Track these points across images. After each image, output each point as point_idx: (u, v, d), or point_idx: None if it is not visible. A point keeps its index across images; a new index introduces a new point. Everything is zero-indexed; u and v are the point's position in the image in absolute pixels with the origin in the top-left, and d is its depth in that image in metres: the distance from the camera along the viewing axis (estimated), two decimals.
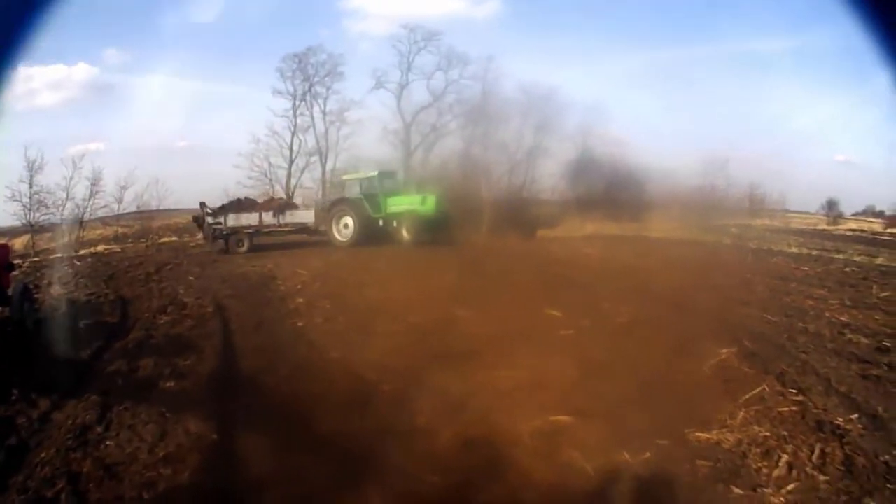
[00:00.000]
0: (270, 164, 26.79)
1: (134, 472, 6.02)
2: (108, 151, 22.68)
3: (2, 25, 3.41)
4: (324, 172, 27.43)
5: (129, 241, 22.70)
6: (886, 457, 6.40)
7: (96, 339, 9.96)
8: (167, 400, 7.70)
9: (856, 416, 7.37)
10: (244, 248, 21.64)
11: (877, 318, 11.75)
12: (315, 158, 27.38)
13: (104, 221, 23.81)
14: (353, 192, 23.08)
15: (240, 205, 23.02)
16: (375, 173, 22.97)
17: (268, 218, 22.20)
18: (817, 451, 6.56)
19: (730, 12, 25.26)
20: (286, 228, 22.30)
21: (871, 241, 24.00)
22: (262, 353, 9.63)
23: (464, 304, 11.73)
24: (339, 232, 22.15)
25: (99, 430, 6.92)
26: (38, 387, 7.86)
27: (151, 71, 27.60)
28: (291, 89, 26.49)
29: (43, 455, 6.33)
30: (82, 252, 19.64)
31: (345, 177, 24.53)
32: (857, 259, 19.67)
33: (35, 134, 20.52)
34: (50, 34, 3.83)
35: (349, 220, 22.04)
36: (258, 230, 21.90)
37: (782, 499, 5.79)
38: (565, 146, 24.96)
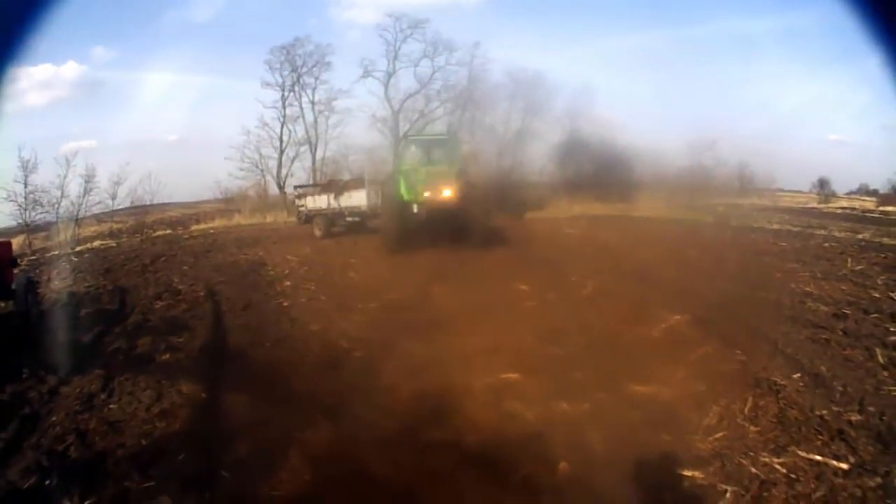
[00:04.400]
0: (261, 156, 26.71)
1: (133, 426, 6.68)
2: (99, 148, 22.90)
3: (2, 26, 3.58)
4: (314, 162, 27.23)
5: (124, 236, 22.82)
6: (823, 412, 6.76)
7: (97, 325, 10.54)
8: (163, 370, 8.32)
9: (797, 375, 7.75)
10: (318, 234, 21.10)
11: (843, 288, 12.13)
12: (305, 148, 27.23)
13: (98, 218, 23.93)
14: (414, 159, 19.30)
15: (324, 186, 22.28)
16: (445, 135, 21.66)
17: (331, 202, 21.30)
18: (750, 404, 6.96)
19: None
20: (345, 214, 20.99)
21: (859, 219, 23.83)
22: (249, 330, 10.30)
23: (439, 281, 12.49)
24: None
25: (103, 396, 7.54)
26: (45, 367, 8.36)
27: (140, 67, 27.83)
28: (280, 80, 26.51)
29: (53, 419, 6.94)
30: (79, 248, 19.89)
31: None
32: (839, 235, 19.63)
33: (27, 134, 20.85)
34: (39, 34, 4.08)
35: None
36: (332, 215, 21.02)
37: (709, 445, 6.18)
38: (553, 129, 25.16)
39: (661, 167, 21.60)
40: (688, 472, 5.75)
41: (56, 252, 18.44)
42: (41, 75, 24.87)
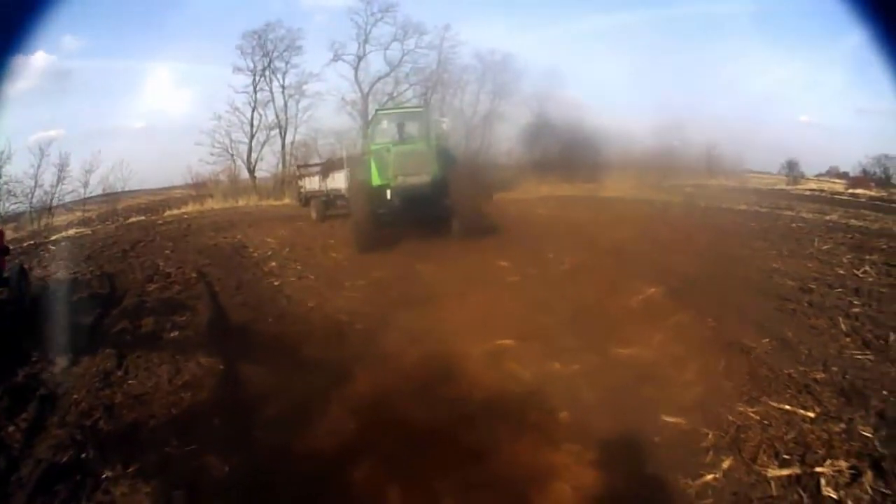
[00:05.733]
0: (232, 140, 26.29)
1: (159, 398, 6.98)
2: (69, 137, 22.63)
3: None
4: (283, 146, 26.83)
5: (97, 223, 22.42)
6: (791, 370, 7.30)
7: (94, 308, 10.59)
8: (174, 346, 8.55)
9: (766, 340, 8.27)
10: (314, 216, 19.94)
11: (809, 265, 12.58)
12: (275, 132, 26.80)
13: (67, 207, 23.44)
14: (385, 137, 17.05)
15: (325, 165, 20.50)
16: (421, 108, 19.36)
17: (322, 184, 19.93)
18: (723, 363, 7.49)
19: None
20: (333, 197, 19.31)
21: (827, 201, 23.89)
22: (248, 308, 10.54)
23: (421, 260, 12.82)
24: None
25: (119, 373, 7.71)
26: (53, 349, 8.39)
27: (109, 55, 27.18)
28: (251, 65, 26.04)
29: (75, 396, 7.10)
30: (54, 237, 19.49)
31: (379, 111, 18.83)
32: (807, 216, 19.90)
33: None
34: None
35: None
36: (328, 198, 19.35)
37: (689, 397, 6.68)
38: (521, 111, 25.31)
39: (629, 148, 21.73)
40: (672, 419, 6.27)
41: (32, 241, 18.13)
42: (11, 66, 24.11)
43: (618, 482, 5.36)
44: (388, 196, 15.30)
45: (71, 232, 20.62)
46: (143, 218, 23.17)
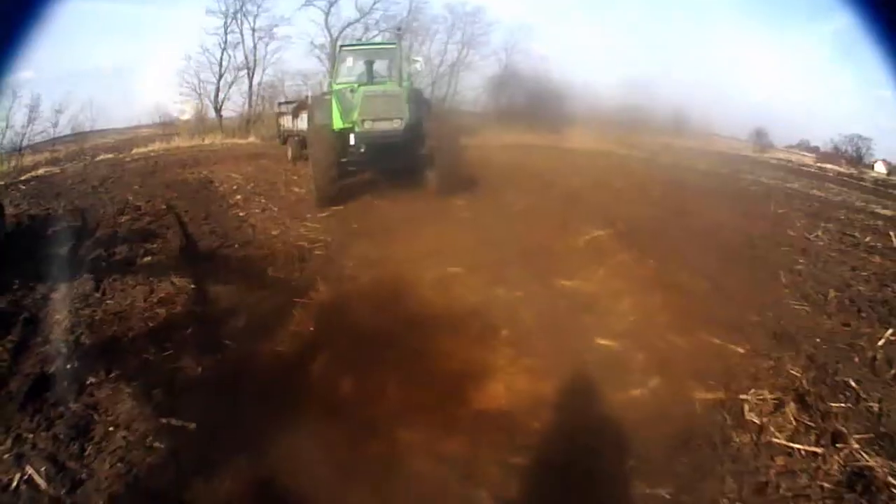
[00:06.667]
0: (200, 80, 26.33)
1: (136, 314, 7.41)
2: (38, 79, 22.54)
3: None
4: (250, 86, 26.90)
5: (65, 163, 22.03)
6: (725, 312, 7.67)
7: (68, 240, 10.70)
8: (147, 270, 8.88)
9: (705, 285, 8.65)
10: (289, 157, 19.18)
11: (761, 224, 12.90)
12: (243, 73, 26.88)
13: (36, 148, 22.84)
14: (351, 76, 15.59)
15: (297, 105, 19.34)
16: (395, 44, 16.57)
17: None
18: (659, 299, 7.86)
19: None
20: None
21: (793, 171, 24.09)
22: (215, 235, 10.86)
23: (380, 196, 13.41)
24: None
25: (97, 295, 8.05)
26: (32, 277, 8.66)
27: None
28: (224, 7, 25.91)
29: (58, 316, 7.41)
30: (24, 177, 19.37)
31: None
32: (767, 181, 20.24)
33: None
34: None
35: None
36: (300, 138, 17.73)
37: (623, 325, 7.15)
38: (489, 62, 25.65)
39: (596, 103, 21.77)
40: (605, 342, 6.80)
41: (2, 182, 18.06)
42: None
43: (548, 389, 5.85)
44: (353, 141, 13.80)
45: (41, 171, 20.38)
46: (111, 156, 23.03)
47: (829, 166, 25.86)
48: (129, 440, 5.14)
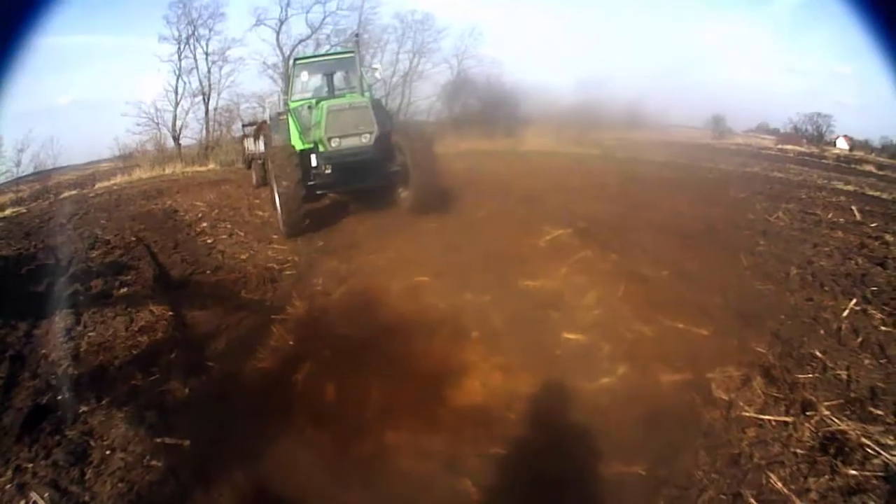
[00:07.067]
0: (157, 109, 26.83)
1: (120, 343, 7.60)
2: None
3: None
4: (207, 112, 27.38)
5: (29, 202, 22.10)
6: (688, 296, 7.94)
7: (43, 277, 10.79)
8: (125, 301, 9.05)
9: (665, 272, 8.87)
10: (253, 182, 18.70)
11: (719, 211, 13.06)
12: (199, 99, 27.30)
13: None
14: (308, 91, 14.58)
15: (257, 126, 18.74)
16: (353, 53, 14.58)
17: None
18: (622, 290, 8.10)
19: None
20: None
21: (752, 155, 24.44)
22: (186, 263, 10.98)
23: (342, 211, 13.68)
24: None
25: (79, 328, 8.22)
26: (12, 315, 8.65)
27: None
28: (177, 34, 26.52)
29: (43, 351, 7.60)
30: None
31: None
32: (726, 168, 20.68)
33: None
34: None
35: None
36: (263, 161, 16.26)
37: (589, 318, 7.43)
38: (441, 69, 26.02)
39: (550, 104, 22.50)
40: (572, 336, 7.06)
41: None
42: None
43: (522, 383, 6.20)
44: (315, 162, 13.01)
45: (7, 212, 20.26)
46: (74, 192, 23.00)
47: (789, 147, 26.72)
48: (128, 461, 5.38)
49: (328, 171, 12.89)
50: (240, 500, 4.87)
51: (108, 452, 5.56)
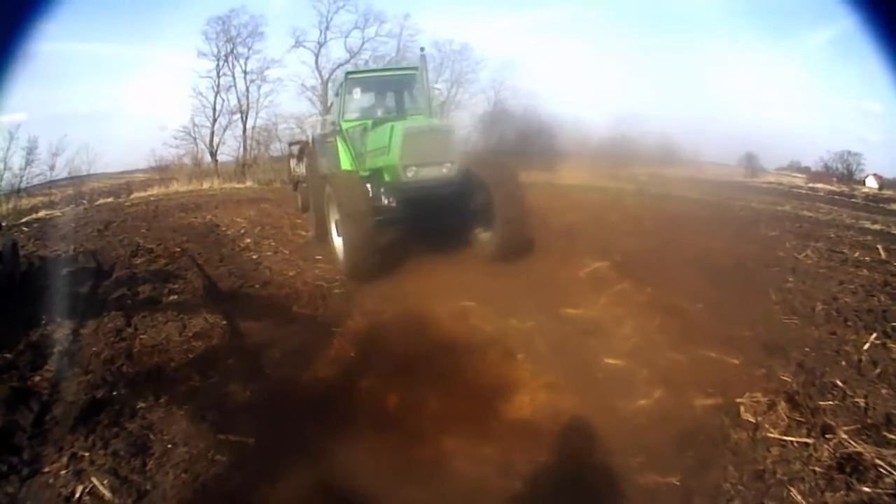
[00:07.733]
0: (195, 124, 27.22)
1: (174, 347, 7.80)
2: (31, 121, 22.62)
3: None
4: (244, 130, 27.70)
5: (63, 206, 22.50)
6: (719, 329, 8.12)
7: (86, 280, 11.04)
8: (175, 307, 9.19)
9: (699, 305, 9.02)
10: (299, 205, 16.84)
11: (751, 248, 13.16)
12: (237, 116, 27.68)
13: (29, 192, 23.92)
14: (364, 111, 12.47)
15: (301, 146, 17.20)
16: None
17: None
18: (658, 322, 8.24)
19: None
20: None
21: (783, 193, 24.36)
22: (234, 276, 11.15)
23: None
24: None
25: (130, 330, 8.41)
26: (56, 314, 8.99)
27: (73, 39, 27.86)
28: (215, 50, 27.08)
29: (95, 349, 7.80)
30: (26, 219, 19.67)
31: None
32: (758, 206, 20.68)
33: None
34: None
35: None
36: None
37: (627, 346, 7.63)
38: (478, 99, 26.12)
39: (586, 137, 22.26)
40: (612, 361, 7.32)
41: (3, 224, 17.62)
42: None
43: (566, 401, 6.43)
44: (383, 195, 11.20)
45: (41, 214, 20.71)
46: (110, 200, 23.30)
47: (820, 185, 26.77)
48: (192, 454, 5.60)
49: (393, 205, 11.09)
50: (307, 494, 5.07)
51: (169, 446, 5.75)
